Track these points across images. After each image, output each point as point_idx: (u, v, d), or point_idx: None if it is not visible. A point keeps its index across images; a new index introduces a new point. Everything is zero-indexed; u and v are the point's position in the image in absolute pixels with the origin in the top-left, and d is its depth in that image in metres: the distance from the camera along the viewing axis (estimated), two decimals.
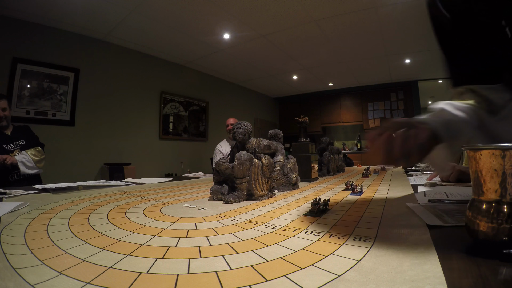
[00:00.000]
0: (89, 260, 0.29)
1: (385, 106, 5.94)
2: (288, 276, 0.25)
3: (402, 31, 3.53)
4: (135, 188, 0.92)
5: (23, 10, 2.82)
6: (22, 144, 1.86)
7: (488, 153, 0.28)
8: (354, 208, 0.56)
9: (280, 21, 3.28)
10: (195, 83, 4.93)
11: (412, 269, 0.25)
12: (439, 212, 0.48)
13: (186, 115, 4.97)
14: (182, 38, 3.51)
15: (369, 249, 0.31)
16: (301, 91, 6.66)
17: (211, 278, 0.25)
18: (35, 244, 0.34)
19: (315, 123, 6.42)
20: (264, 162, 0.73)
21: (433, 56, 4.34)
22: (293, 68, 5.08)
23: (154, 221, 0.47)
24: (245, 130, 0.76)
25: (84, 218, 0.48)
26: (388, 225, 0.42)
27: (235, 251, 0.32)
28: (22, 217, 0.48)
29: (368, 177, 1.24)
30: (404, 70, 5.07)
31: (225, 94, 5.62)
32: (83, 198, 0.69)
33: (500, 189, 0.28)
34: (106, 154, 3.47)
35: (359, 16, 3.17)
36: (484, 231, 0.29)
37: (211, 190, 0.69)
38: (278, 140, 0.97)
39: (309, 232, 0.39)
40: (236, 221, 0.47)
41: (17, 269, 0.26)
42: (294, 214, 0.51)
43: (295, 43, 3.91)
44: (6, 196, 0.70)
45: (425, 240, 0.34)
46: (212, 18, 3.13)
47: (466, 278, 0.24)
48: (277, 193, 0.81)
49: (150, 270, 0.26)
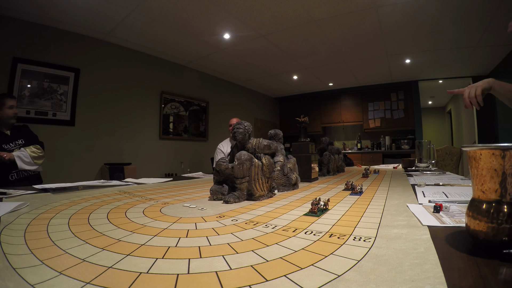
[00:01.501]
0: (89, 260, 0.29)
1: (385, 106, 5.93)
2: (288, 276, 0.25)
3: (402, 31, 3.53)
4: (135, 188, 0.92)
5: (23, 10, 2.82)
6: (22, 143, 1.86)
7: (488, 153, 0.28)
8: (354, 208, 0.56)
9: (280, 21, 3.28)
10: (195, 83, 4.93)
11: (412, 269, 0.25)
12: (438, 212, 0.48)
13: (186, 115, 4.97)
14: (182, 38, 3.51)
15: (369, 249, 0.31)
16: (301, 91, 6.66)
17: (211, 278, 0.25)
18: (35, 244, 0.34)
19: (315, 123, 6.41)
20: (264, 162, 0.73)
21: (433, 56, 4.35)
22: (293, 68, 5.07)
23: (154, 221, 0.47)
24: (245, 130, 0.76)
25: (84, 218, 0.48)
26: (388, 225, 0.42)
27: (235, 251, 0.32)
28: (22, 217, 0.48)
29: (368, 177, 1.24)
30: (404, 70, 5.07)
31: (225, 94, 5.62)
32: (83, 198, 0.69)
33: (500, 189, 0.28)
34: (106, 154, 3.47)
35: (359, 16, 3.17)
36: (484, 231, 0.29)
37: (211, 190, 0.69)
38: (278, 140, 0.97)
39: (309, 232, 0.39)
40: (236, 221, 0.47)
41: (17, 269, 0.26)
42: (294, 214, 0.51)
43: (295, 43, 3.91)
44: (6, 196, 0.70)
45: (425, 240, 0.34)
46: (212, 18, 3.13)
47: (466, 278, 0.24)
48: (277, 193, 0.81)
49: (150, 270, 0.26)
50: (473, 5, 2.87)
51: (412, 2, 2.85)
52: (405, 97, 5.79)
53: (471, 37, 3.67)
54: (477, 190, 0.30)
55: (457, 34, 3.58)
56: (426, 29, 3.45)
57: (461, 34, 3.59)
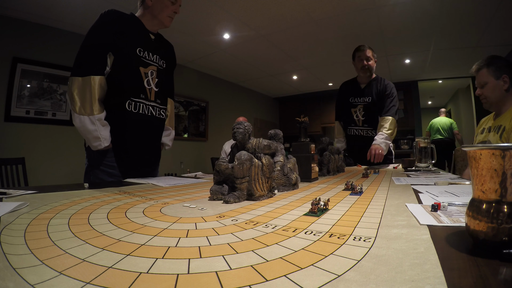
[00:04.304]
0: (89, 260, 0.29)
1: None
2: (288, 276, 0.25)
3: (402, 31, 3.53)
4: (135, 188, 0.92)
5: (23, 10, 2.82)
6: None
7: (488, 153, 0.28)
8: (354, 208, 0.56)
9: (280, 21, 3.28)
10: (195, 83, 4.93)
11: (412, 269, 0.25)
12: (436, 211, 0.48)
13: (186, 115, 4.96)
14: (182, 38, 3.51)
15: (369, 249, 0.31)
16: (301, 91, 6.66)
17: (211, 278, 0.25)
18: (35, 244, 0.34)
19: (315, 123, 6.42)
20: (264, 162, 0.73)
21: (433, 56, 4.34)
22: (293, 68, 5.08)
23: (154, 221, 0.47)
24: (245, 130, 0.76)
25: (84, 218, 0.48)
26: (388, 225, 0.42)
27: (235, 251, 0.32)
28: (22, 217, 0.48)
29: (368, 177, 1.24)
30: (404, 70, 5.07)
31: (225, 94, 5.62)
32: (83, 198, 0.69)
33: (500, 189, 0.28)
34: None
35: (359, 16, 3.17)
36: (484, 231, 0.29)
37: (211, 190, 0.69)
38: (278, 140, 0.96)
39: (309, 232, 0.39)
40: (236, 221, 0.47)
41: (17, 269, 0.26)
42: (294, 214, 0.51)
43: (295, 43, 3.91)
44: (6, 196, 0.70)
45: (425, 240, 0.34)
46: (212, 18, 3.13)
47: (466, 278, 0.24)
48: (277, 193, 0.81)
49: (150, 270, 0.26)
50: (473, 5, 2.87)
51: (412, 2, 2.85)
52: (405, 97, 5.79)
53: (471, 37, 3.67)
54: (477, 190, 0.30)
55: (457, 34, 3.58)
56: (426, 29, 3.45)
57: (461, 34, 3.59)
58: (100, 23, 1.21)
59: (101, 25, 1.21)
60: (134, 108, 1.26)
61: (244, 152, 0.68)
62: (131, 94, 1.25)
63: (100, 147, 1.18)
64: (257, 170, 0.70)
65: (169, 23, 1.38)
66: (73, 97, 1.12)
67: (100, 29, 1.21)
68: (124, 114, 1.23)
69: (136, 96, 1.27)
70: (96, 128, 1.15)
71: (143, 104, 1.29)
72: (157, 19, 1.33)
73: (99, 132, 1.16)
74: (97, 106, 1.15)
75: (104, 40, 1.19)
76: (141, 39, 1.30)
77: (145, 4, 1.31)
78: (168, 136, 1.61)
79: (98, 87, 1.15)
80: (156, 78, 1.35)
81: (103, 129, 1.17)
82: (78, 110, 1.12)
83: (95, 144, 1.17)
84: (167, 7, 1.31)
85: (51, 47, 3.16)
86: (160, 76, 1.38)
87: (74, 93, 1.12)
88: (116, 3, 2.72)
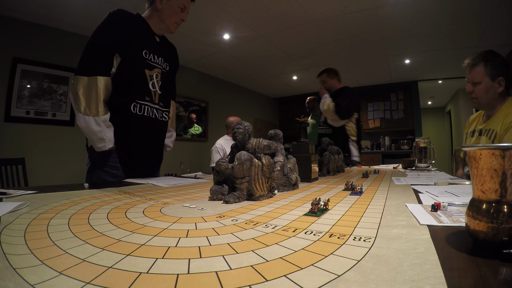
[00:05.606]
0: (89, 260, 0.29)
1: (385, 107, 5.94)
2: (288, 276, 0.25)
3: (401, 31, 3.53)
4: (135, 188, 0.92)
5: (23, 10, 2.82)
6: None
7: (488, 153, 0.28)
8: (354, 208, 0.56)
9: (280, 22, 3.28)
10: (195, 83, 4.93)
11: (412, 269, 0.25)
12: (436, 211, 0.48)
13: (186, 115, 4.96)
14: (182, 38, 3.51)
15: (369, 249, 0.31)
16: (301, 91, 6.66)
17: (211, 278, 0.25)
18: (35, 244, 0.34)
19: None
20: (264, 162, 0.73)
21: (433, 56, 4.35)
22: (293, 68, 5.08)
23: (154, 221, 0.47)
24: (245, 130, 0.76)
25: (84, 218, 0.48)
26: (388, 225, 0.42)
27: (235, 251, 0.32)
28: (22, 217, 0.48)
29: (368, 177, 1.24)
30: (404, 70, 5.07)
31: (225, 94, 5.62)
32: (83, 198, 0.68)
33: (500, 189, 0.28)
34: None
35: (359, 16, 3.17)
36: (484, 231, 0.29)
37: (211, 190, 0.69)
38: (278, 140, 0.96)
39: (309, 232, 0.39)
40: (236, 221, 0.46)
41: (17, 269, 0.26)
42: (294, 214, 0.51)
43: (295, 43, 3.91)
44: (6, 196, 0.70)
45: (425, 240, 0.34)
46: (212, 18, 3.13)
47: (466, 278, 0.24)
48: (277, 193, 0.81)
49: (150, 270, 0.26)
50: (473, 5, 2.88)
51: (412, 2, 2.86)
52: (405, 97, 5.79)
53: (471, 37, 3.67)
54: (477, 190, 0.30)
55: (457, 34, 3.58)
56: (426, 29, 3.45)
57: (461, 34, 3.59)
58: (108, 22, 1.19)
59: (109, 24, 1.19)
60: (139, 110, 1.26)
61: (244, 152, 0.68)
62: (136, 96, 1.25)
63: (104, 148, 1.18)
64: (257, 170, 0.70)
65: (175, 30, 1.37)
66: (78, 97, 1.11)
67: (108, 28, 1.18)
68: (129, 116, 1.23)
69: (141, 99, 1.26)
70: (101, 129, 1.14)
71: (147, 107, 1.29)
72: (164, 24, 1.32)
73: (104, 134, 1.15)
74: (102, 107, 1.14)
75: (112, 40, 1.17)
76: (147, 41, 1.29)
77: (155, 6, 1.29)
78: (170, 138, 1.61)
79: (104, 88, 1.14)
80: (160, 81, 1.35)
81: (107, 131, 1.17)
82: (83, 110, 1.11)
83: (100, 145, 1.17)
84: (176, 14, 1.31)
85: (51, 47, 3.16)
86: (164, 78, 1.38)
87: (79, 92, 1.11)
88: (116, 3, 2.72)
